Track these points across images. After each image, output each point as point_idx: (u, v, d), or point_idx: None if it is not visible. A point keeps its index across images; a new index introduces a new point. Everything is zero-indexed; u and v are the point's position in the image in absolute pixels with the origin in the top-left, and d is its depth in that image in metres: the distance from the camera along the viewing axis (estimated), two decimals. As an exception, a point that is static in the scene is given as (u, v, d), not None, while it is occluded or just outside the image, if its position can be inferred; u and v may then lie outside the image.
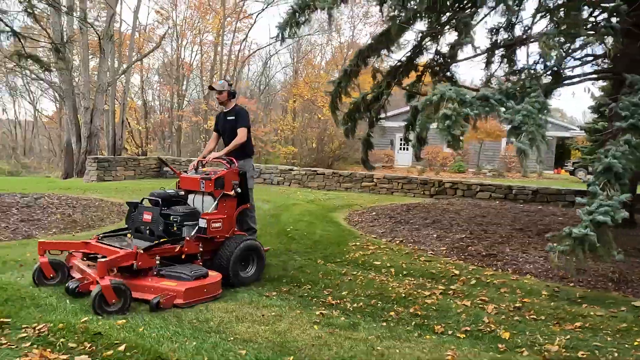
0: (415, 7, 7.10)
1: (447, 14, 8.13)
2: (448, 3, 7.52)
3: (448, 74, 9.36)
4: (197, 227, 4.35)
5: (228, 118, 5.40)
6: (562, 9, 6.84)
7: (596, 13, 7.15)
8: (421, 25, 8.62)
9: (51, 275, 4.20)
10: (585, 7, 6.84)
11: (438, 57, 9.49)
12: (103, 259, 3.81)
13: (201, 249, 4.35)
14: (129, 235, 4.58)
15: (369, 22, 32.67)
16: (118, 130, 22.77)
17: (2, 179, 19.25)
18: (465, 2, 7.72)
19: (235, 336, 3.22)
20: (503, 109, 5.67)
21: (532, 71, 6.75)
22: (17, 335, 3.06)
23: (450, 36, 9.71)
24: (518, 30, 8.13)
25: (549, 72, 6.59)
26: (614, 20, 6.13)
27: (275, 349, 3.03)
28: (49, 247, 4.30)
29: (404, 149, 28.45)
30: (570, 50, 6.80)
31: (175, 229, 4.36)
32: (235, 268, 4.37)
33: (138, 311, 3.62)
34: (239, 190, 4.66)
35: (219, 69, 28.50)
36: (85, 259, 4.37)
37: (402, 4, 7.12)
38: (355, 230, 7.77)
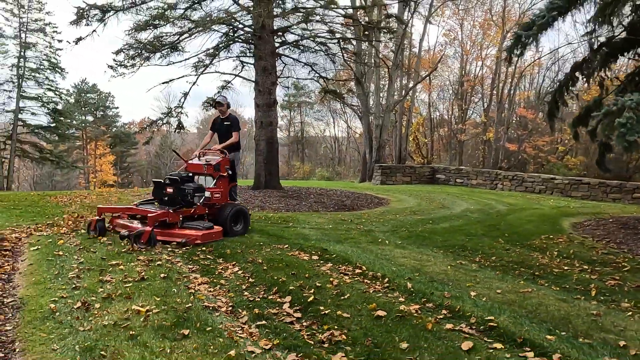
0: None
1: None
2: None
3: None
4: (203, 197, 6.18)
5: (224, 123, 7.29)
6: None
7: None
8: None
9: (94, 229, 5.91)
10: None
11: None
12: (152, 214, 5.64)
13: (207, 212, 6.28)
14: (156, 203, 6.35)
15: None
16: (403, 142, 26.74)
17: (321, 182, 25.76)
18: None
19: (395, 262, 5.38)
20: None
21: None
22: (311, 248, 6.04)
23: None
24: None
25: None
26: None
27: (412, 269, 5.06)
28: (105, 211, 6.16)
29: None
30: None
31: (189, 198, 6.09)
32: (230, 224, 6.26)
33: (355, 246, 6.16)
34: (229, 172, 6.61)
35: (499, 80, 29.33)
36: (130, 218, 6.28)
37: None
38: (567, 230, 8.39)
